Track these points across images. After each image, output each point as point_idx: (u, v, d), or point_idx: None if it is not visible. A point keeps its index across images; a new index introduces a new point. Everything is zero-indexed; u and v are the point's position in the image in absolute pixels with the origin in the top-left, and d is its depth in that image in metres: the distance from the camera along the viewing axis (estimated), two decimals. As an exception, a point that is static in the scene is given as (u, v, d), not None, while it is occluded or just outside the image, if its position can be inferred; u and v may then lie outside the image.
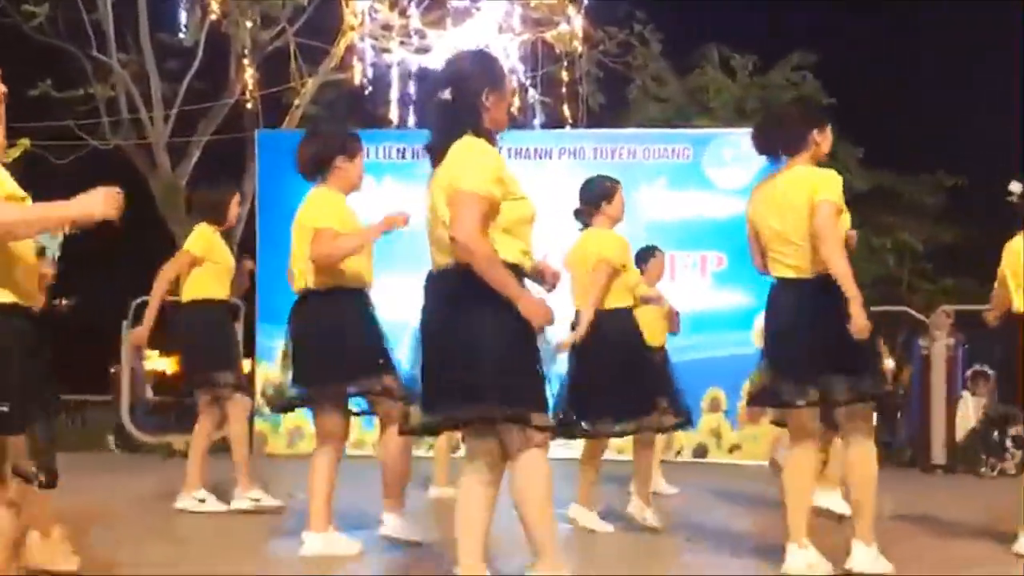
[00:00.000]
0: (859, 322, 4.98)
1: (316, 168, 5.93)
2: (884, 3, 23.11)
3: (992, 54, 21.36)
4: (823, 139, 5.49)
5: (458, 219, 3.97)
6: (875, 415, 6.32)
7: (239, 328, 10.52)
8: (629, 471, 7.25)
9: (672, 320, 8.11)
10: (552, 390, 4.16)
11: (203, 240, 7.44)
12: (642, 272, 8.81)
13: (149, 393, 14.21)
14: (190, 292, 7.43)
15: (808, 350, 5.13)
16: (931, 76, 23.30)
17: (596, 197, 6.85)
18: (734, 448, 12.06)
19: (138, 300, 12.99)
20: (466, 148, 4.14)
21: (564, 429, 5.80)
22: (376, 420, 5.99)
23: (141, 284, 14.11)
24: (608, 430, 6.54)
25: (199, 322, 7.36)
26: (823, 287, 5.13)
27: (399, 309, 5.27)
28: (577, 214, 6.94)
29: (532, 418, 4.01)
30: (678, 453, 12.01)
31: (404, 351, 4.34)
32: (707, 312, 11.58)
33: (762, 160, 5.64)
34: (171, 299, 7.50)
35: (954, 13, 21.37)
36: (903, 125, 21.30)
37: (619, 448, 11.67)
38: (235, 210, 7.62)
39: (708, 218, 12.26)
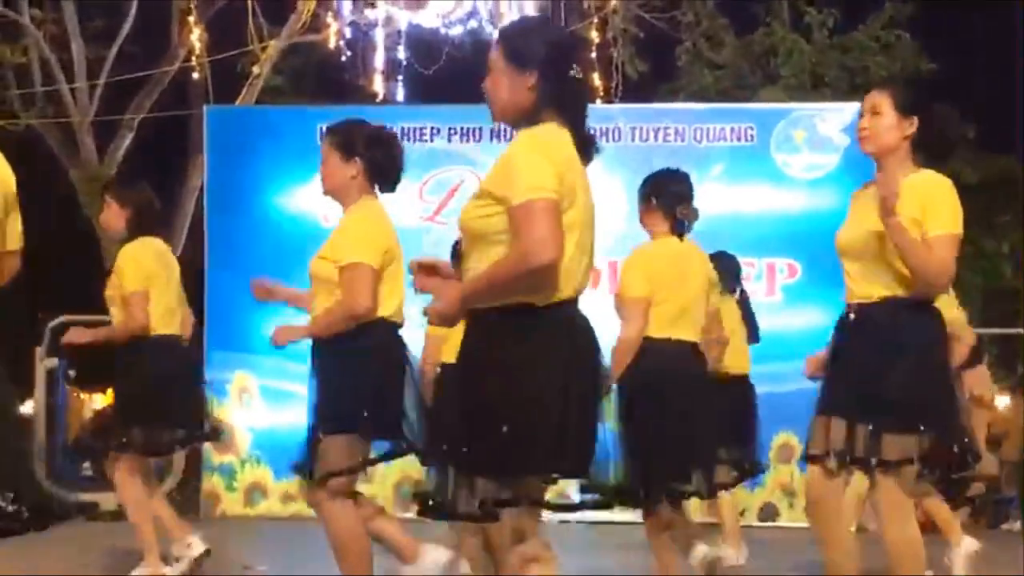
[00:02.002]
0: None
1: None
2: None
3: None
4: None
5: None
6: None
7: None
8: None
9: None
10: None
11: None
12: None
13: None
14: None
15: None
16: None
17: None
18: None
19: (55, 321, 13.01)
20: None
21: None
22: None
23: (59, 300, 14.24)
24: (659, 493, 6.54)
25: None
26: None
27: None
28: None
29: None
30: (740, 516, 11.97)
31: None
32: (776, 335, 11.54)
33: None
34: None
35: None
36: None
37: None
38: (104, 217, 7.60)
39: (777, 216, 12.24)
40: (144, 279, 7.22)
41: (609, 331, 6.18)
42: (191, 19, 15.60)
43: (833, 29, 19.83)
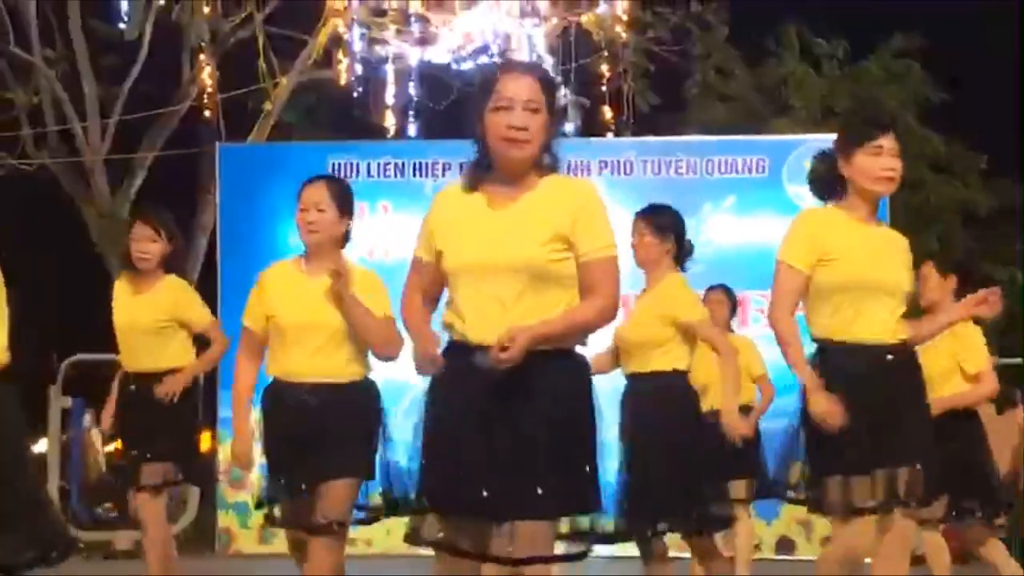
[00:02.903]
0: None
1: None
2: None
3: None
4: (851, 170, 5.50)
5: None
6: None
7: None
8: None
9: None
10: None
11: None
12: None
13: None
14: None
15: None
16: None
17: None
18: (827, 541, 11.96)
19: (70, 359, 13.03)
20: None
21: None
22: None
23: (73, 339, 14.25)
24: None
25: None
26: None
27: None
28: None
29: None
30: (756, 549, 11.93)
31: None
32: (787, 367, 11.51)
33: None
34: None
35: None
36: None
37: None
38: (133, 248, 7.60)
39: (790, 247, 12.24)
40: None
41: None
42: (202, 57, 15.68)
43: (843, 60, 19.87)
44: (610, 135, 15.27)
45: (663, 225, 6.99)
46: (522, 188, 4.30)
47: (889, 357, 5.36)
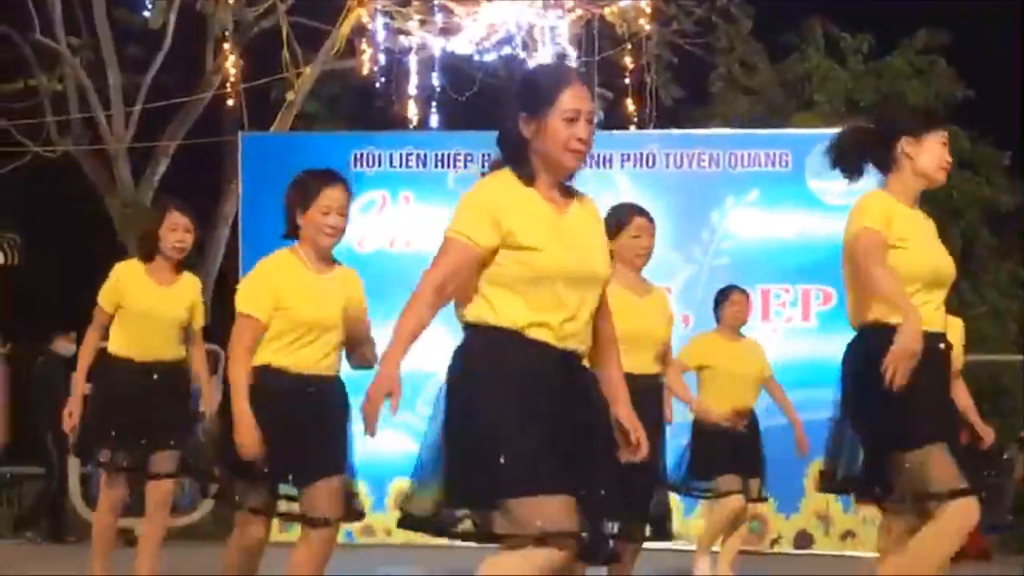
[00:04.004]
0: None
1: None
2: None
3: None
4: (917, 151, 5.48)
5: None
6: None
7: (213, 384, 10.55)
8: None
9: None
10: None
11: (108, 284, 7.59)
12: (718, 320, 9.00)
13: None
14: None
15: None
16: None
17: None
18: (847, 535, 11.96)
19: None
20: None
21: None
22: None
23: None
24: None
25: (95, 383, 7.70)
26: None
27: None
28: None
29: None
30: (774, 543, 11.92)
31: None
32: (811, 362, 11.51)
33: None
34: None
35: None
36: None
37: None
38: (170, 237, 7.61)
39: (812, 242, 12.19)
40: None
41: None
42: (226, 47, 15.70)
43: (868, 55, 19.81)
44: (633, 128, 15.27)
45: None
46: (561, 194, 4.40)
47: (941, 346, 5.40)
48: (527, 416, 4.15)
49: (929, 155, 5.46)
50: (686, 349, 8.90)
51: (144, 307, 7.43)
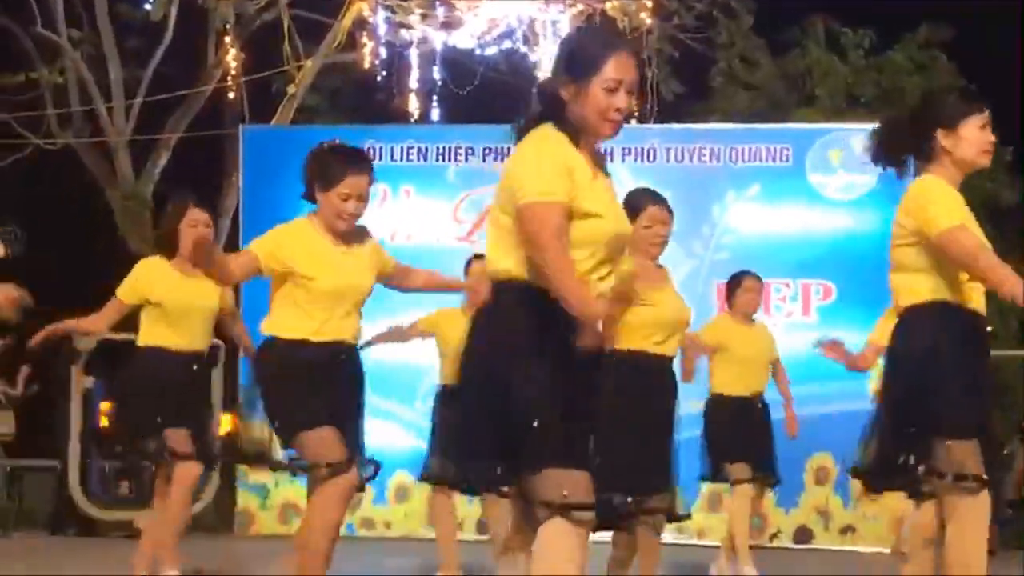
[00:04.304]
0: None
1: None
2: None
3: None
4: (954, 142, 5.47)
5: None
6: None
7: (217, 375, 10.58)
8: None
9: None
10: None
11: (131, 279, 7.67)
12: (730, 305, 9.00)
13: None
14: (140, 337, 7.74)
15: None
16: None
17: None
18: (847, 530, 11.97)
19: (92, 340, 13.07)
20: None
21: None
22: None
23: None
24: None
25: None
26: None
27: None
28: None
29: None
30: (774, 537, 11.93)
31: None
32: (810, 356, 11.49)
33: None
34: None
35: None
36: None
37: (698, 530, 11.64)
38: (190, 233, 7.63)
39: (813, 237, 12.22)
40: None
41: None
42: (227, 39, 15.71)
43: (869, 50, 19.76)
44: (634, 122, 15.22)
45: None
46: (595, 161, 4.36)
47: (989, 329, 5.50)
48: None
49: (967, 143, 5.46)
50: (705, 328, 8.89)
51: (183, 301, 7.54)
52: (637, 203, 6.50)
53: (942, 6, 19.19)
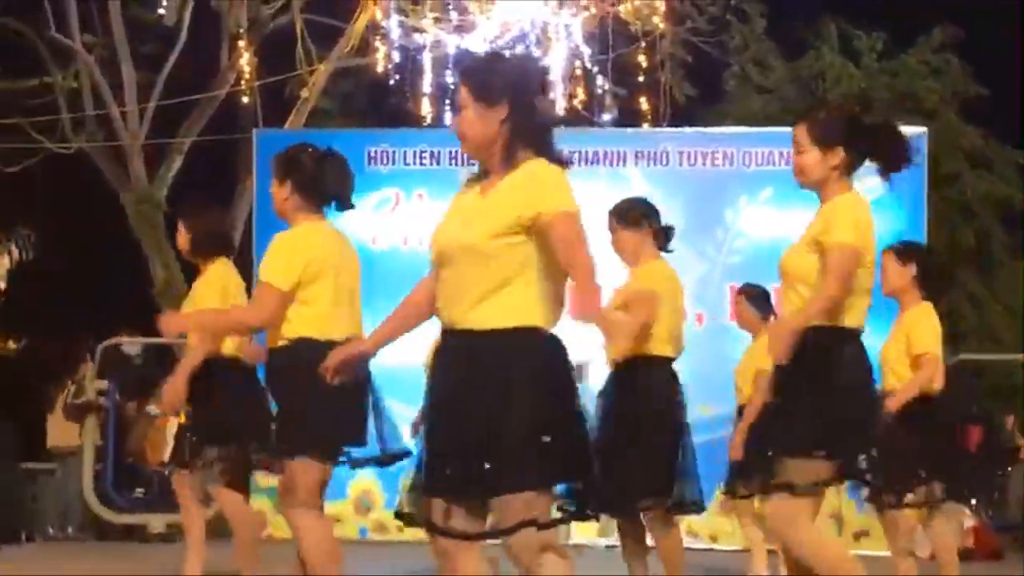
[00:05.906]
0: None
1: None
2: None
3: None
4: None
5: None
6: None
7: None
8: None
9: None
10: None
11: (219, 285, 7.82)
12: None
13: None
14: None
15: None
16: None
17: None
18: (860, 535, 11.93)
19: (106, 343, 13.08)
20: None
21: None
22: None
23: (108, 322, 14.30)
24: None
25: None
26: None
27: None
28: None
29: None
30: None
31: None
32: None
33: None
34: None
35: None
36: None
37: (712, 535, 11.61)
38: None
39: (825, 241, 12.19)
40: None
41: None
42: (241, 44, 15.73)
43: (882, 53, 19.77)
44: (646, 126, 15.24)
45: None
46: None
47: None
48: None
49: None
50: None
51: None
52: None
53: (955, 9, 19.18)
